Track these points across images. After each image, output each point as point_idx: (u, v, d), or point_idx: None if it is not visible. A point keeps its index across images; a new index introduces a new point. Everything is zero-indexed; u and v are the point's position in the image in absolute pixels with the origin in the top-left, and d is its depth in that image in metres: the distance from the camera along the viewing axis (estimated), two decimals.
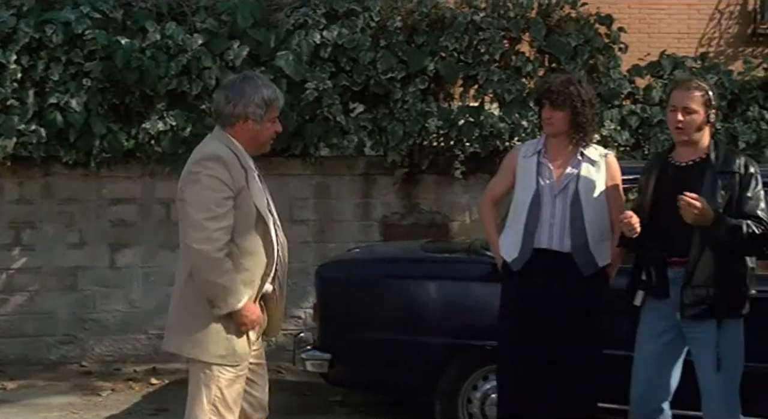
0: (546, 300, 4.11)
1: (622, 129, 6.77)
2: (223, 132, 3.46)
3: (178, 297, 3.47)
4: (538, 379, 4.18)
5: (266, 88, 3.45)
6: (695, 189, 3.77)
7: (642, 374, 3.98)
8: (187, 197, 3.35)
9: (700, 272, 3.77)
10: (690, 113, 3.84)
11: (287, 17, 6.75)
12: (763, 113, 6.85)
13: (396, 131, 6.67)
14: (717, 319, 3.78)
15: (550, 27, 6.93)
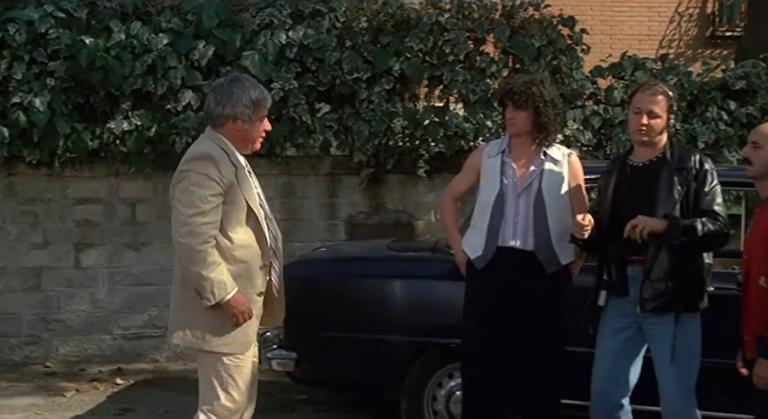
0: (510, 298, 4.16)
1: (584, 129, 6.85)
2: (214, 132, 3.60)
3: (177, 291, 3.61)
4: (502, 377, 4.23)
5: (254, 89, 3.59)
6: (653, 187, 3.88)
7: (603, 370, 4.06)
8: (176, 193, 3.51)
9: (659, 267, 3.87)
10: (654, 117, 3.93)
11: (253, 17, 6.75)
12: (721, 113, 6.96)
13: (362, 130, 6.70)
14: (675, 313, 3.87)
15: (513, 28, 6.99)
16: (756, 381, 3.57)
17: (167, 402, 5.82)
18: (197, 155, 3.52)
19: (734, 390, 4.15)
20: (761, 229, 3.63)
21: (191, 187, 3.46)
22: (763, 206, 3.71)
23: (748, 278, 3.66)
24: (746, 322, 3.68)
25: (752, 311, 3.63)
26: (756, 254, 3.62)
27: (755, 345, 3.59)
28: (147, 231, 6.89)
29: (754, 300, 3.62)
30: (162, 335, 6.81)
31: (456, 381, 4.78)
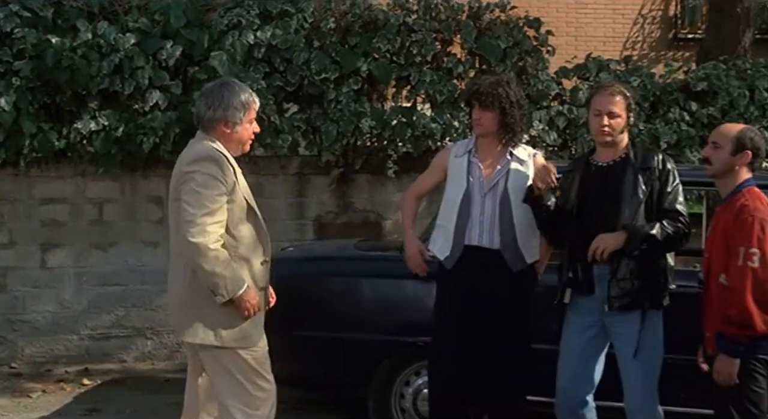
0: (476, 297, 4.20)
1: (550, 129, 6.92)
2: (206, 135, 3.71)
3: (185, 289, 3.66)
4: (469, 376, 4.27)
5: (243, 92, 3.70)
6: (618, 187, 3.95)
7: (568, 368, 4.12)
8: (183, 195, 3.57)
9: (625, 266, 3.94)
10: (614, 117, 4.01)
11: (221, 17, 6.74)
12: (683, 114, 7.06)
13: (330, 131, 6.72)
14: (641, 310, 3.95)
15: (480, 29, 7.03)
16: (716, 377, 3.65)
17: (135, 402, 5.81)
18: (201, 157, 3.60)
19: (695, 385, 4.26)
20: (721, 228, 3.72)
21: (198, 188, 3.54)
22: (723, 205, 3.80)
23: (709, 275, 3.75)
24: (707, 319, 3.77)
25: (713, 308, 3.71)
26: (716, 252, 3.71)
27: (715, 341, 3.68)
28: (114, 231, 6.86)
29: (715, 297, 3.70)
30: (129, 335, 6.81)
31: (423, 379, 4.82)
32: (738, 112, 7.06)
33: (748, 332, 3.57)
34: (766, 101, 7.12)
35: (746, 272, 3.54)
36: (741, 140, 3.75)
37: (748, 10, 7.96)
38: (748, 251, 3.55)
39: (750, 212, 3.61)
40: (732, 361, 3.60)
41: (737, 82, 7.14)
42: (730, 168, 3.76)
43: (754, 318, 3.54)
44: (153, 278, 6.78)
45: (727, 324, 3.60)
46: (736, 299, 3.56)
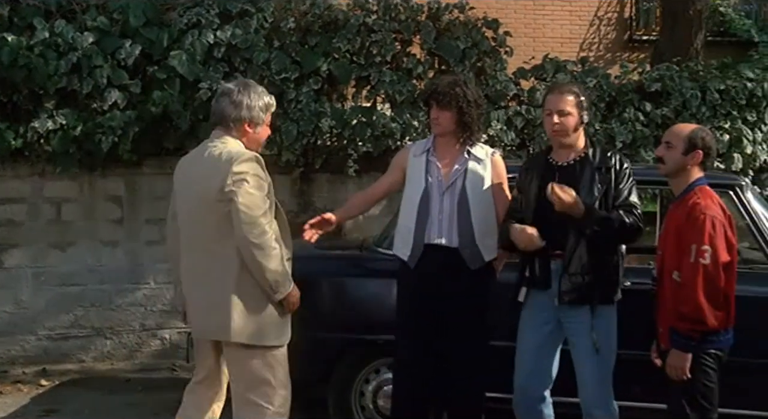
0: (436, 296, 4.23)
1: (508, 129, 6.97)
2: (228, 135, 3.79)
3: (229, 290, 3.70)
4: (429, 375, 4.30)
5: (266, 95, 3.84)
6: (575, 187, 4.00)
7: (525, 364, 4.17)
8: (238, 197, 3.61)
9: (576, 261, 4.01)
10: (565, 115, 4.08)
11: (180, 17, 6.70)
12: (638, 114, 7.15)
13: (290, 130, 6.71)
14: (591, 305, 4.01)
15: (439, 30, 7.06)
16: (668, 371, 3.73)
17: (93, 403, 5.77)
18: (246, 157, 3.68)
19: (650, 380, 4.35)
20: (673, 225, 3.80)
21: (252, 189, 3.63)
22: (675, 204, 3.88)
23: (663, 272, 3.83)
24: (660, 315, 3.85)
25: (666, 304, 3.79)
26: (669, 249, 3.79)
27: (669, 336, 3.76)
28: (73, 231, 6.79)
29: (668, 294, 3.78)
30: (88, 335, 6.76)
31: (383, 377, 4.86)
32: (690, 112, 7.18)
33: (700, 327, 3.64)
34: (717, 102, 7.23)
35: (698, 268, 3.61)
36: (693, 140, 3.83)
37: (700, 12, 8.10)
38: (699, 249, 3.62)
39: (702, 210, 3.69)
40: (684, 356, 3.67)
41: (690, 84, 7.26)
42: (682, 167, 3.84)
43: (705, 314, 3.62)
44: (112, 278, 6.75)
45: (679, 319, 3.67)
46: (688, 295, 3.63)
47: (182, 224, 3.88)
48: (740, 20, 10.62)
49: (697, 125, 4.04)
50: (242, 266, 3.70)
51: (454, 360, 4.27)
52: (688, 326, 3.66)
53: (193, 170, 3.84)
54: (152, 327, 6.82)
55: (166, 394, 5.86)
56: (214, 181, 3.68)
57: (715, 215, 3.69)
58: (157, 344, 6.83)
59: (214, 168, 3.70)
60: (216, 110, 3.84)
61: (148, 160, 6.78)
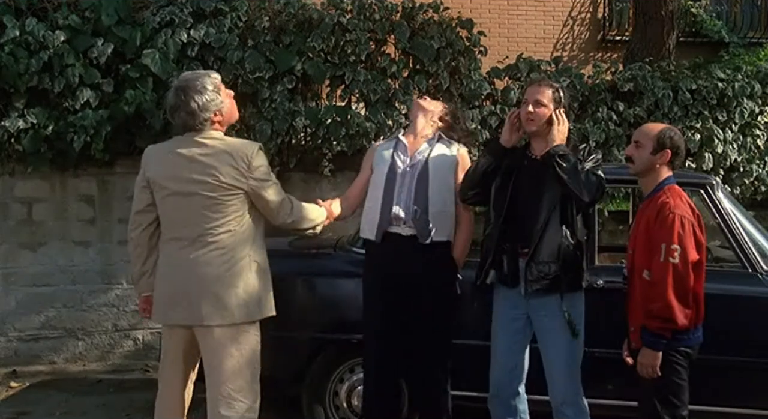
0: (399, 288, 4.27)
1: (482, 129, 7.00)
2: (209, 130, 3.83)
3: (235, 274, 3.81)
4: (397, 371, 4.35)
5: (201, 78, 3.84)
6: (546, 178, 4.04)
7: (500, 360, 4.21)
8: (266, 194, 3.86)
9: (543, 249, 4.03)
10: (539, 106, 4.12)
11: (153, 15, 6.66)
12: (610, 114, 7.21)
13: (264, 129, 6.70)
14: (560, 293, 4.04)
15: (414, 30, 7.06)
16: (639, 369, 3.76)
17: (65, 404, 5.73)
18: (257, 148, 3.86)
19: (621, 378, 4.38)
20: (643, 224, 3.83)
21: (272, 181, 3.92)
22: (645, 203, 3.92)
23: (633, 271, 3.86)
24: (631, 313, 3.88)
25: (637, 302, 3.83)
26: (639, 248, 3.82)
27: (640, 334, 3.79)
28: (44, 231, 6.74)
29: (638, 292, 3.81)
30: (60, 336, 6.70)
31: (357, 376, 4.87)
32: (662, 112, 7.24)
33: (670, 326, 3.67)
34: (688, 102, 7.29)
35: (668, 267, 3.65)
36: (661, 140, 3.87)
37: (672, 13, 8.17)
38: (669, 247, 3.65)
39: (671, 209, 3.72)
40: (655, 354, 3.70)
41: (662, 83, 7.31)
42: (651, 166, 3.88)
43: (675, 313, 3.65)
44: (84, 278, 6.70)
45: (649, 318, 3.70)
46: (658, 293, 3.66)
47: (168, 215, 3.88)
48: (711, 21, 10.72)
49: (666, 125, 4.08)
50: (235, 251, 3.81)
51: (417, 354, 4.30)
52: (658, 324, 3.68)
53: (185, 164, 3.81)
54: (125, 327, 6.77)
55: (138, 395, 5.86)
56: (223, 175, 3.77)
57: (683, 215, 3.73)
58: (129, 345, 6.79)
59: (221, 161, 3.77)
60: (180, 123, 3.86)
61: (121, 159, 6.73)
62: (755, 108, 7.45)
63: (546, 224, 4.03)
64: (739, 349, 4.53)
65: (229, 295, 3.80)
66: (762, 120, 7.49)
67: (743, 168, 7.41)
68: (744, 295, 4.50)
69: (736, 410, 4.65)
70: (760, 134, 7.47)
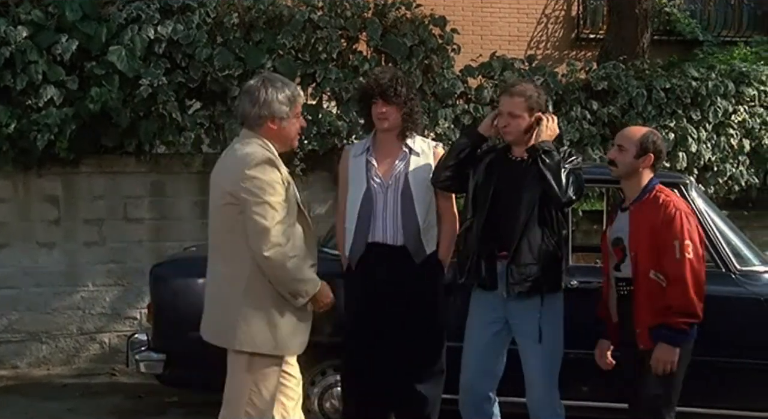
0: (384, 293, 4.18)
1: (455, 127, 6.95)
2: (253, 134, 3.65)
3: (241, 295, 3.57)
4: (381, 375, 4.25)
5: (287, 87, 3.69)
6: (526, 180, 4.01)
7: (472, 363, 4.15)
8: (249, 206, 3.49)
9: (523, 251, 4.00)
10: (515, 118, 4.08)
11: (119, 11, 6.54)
12: (585, 113, 7.19)
13: (234, 128, 6.55)
14: (540, 296, 4.01)
15: (386, 27, 7.01)
16: (655, 365, 3.72)
17: (29, 409, 5.61)
18: (260, 160, 3.54)
19: (595, 379, 4.34)
20: (647, 226, 3.78)
21: (265, 196, 3.50)
22: (638, 204, 3.87)
23: (637, 273, 3.80)
24: (638, 316, 3.80)
25: (643, 305, 3.78)
26: (642, 250, 3.78)
27: (648, 335, 3.75)
28: (7, 232, 6.60)
29: (644, 293, 3.78)
30: (23, 339, 6.58)
31: (329, 379, 4.82)
32: (636, 111, 7.23)
33: (692, 320, 3.71)
34: (662, 101, 7.30)
35: (684, 263, 3.69)
36: (644, 144, 3.88)
37: (646, 11, 8.18)
38: (683, 244, 3.70)
39: (676, 206, 3.78)
40: (674, 350, 3.71)
41: (636, 82, 7.31)
42: (634, 170, 3.89)
43: (696, 307, 3.70)
44: (49, 281, 6.58)
45: (671, 315, 3.69)
46: (679, 290, 3.68)
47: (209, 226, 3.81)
48: (685, 20, 10.75)
49: (648, 129, 4.08)
50: (252, 272, 3.57)
51: (407, 362, 4.22)
52: (680, 320, 3.70)
53: (216, 172, 3.76)
54: (91, 330, 6.66)
55: (104, 399, 5.79)
56: (226, 183, 3.60)
57: (686, 211, 3.80)
58: (96, 348, 6.67)
59: (227, 171, 3.63)
60: (237, 111, 3.78)
61: (86, 158, 6.62)
62: (729, 107, 7.48)
63: (525, 226, 4.00)
64: (714, 349, 4.50)
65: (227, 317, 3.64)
66: (735, 119, 7.51)
67: (717, 167, 7.42)
68: (718, 295, 4.47)
69: (709, 410, 4.64)
70: (733, 133, 7.49)
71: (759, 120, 7.57)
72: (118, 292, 6.66)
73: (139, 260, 6.60)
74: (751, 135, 7.56)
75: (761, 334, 4.70)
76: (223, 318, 3.66)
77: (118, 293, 6.66)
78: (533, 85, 4.23)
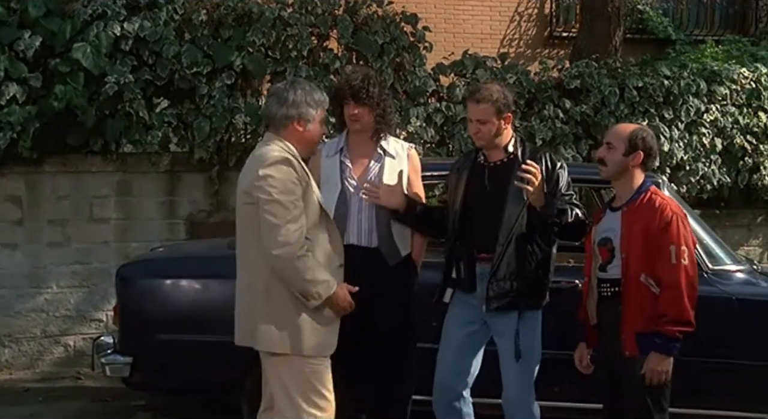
0: (359, 298, 4.10)
1: (427, 126, 6.89)
2: (276, 136, 3.67)
3: (260, 296, 3.61)
4: (353, 377, 4.21)
5: (315, 91, 3.73)
6: (504, 187, 3.96)
7: (447, 362, 4.12)
8: (262, 204, 3.52)
9: (504, 266, 3.95)
10: (483, 124, 4.04)
11: (84, 7, 6.43)
12: (557, 111, 7.16)
13: (202, 127, 6.52)
14: (518, 310, 3.96)
15: (357, 24, 6.96)
16: (649, 376, 3.62)
17: None
18: (276, 160, 3.56)
19: (569, 380, 4.29)
20: (640, 228, 3.69)
21: (277, 195, 3.51)
22: (631, 206, 3.77)
23: (627, 277, 3.71)
24: (626, 321, 3.71)
25: (631, 309, 3.69)
26: (634, 253, 3.69)
27: (635, 341, 3.66)
28: None
29: (634, 297, 3.68)
30: None
31: None
32: (609, 109, 7.21)
33: (686, 328, 3.61)
34: (635, 99, 7.28)
35: (680, 269, 3.60)
36: (633, 141, 3.78)
37: (618, 9, 8.16)
38: (679, 249, 3.61)
39: (672, 210, 3.68)
40: (668, 360, 3.63)
41: (608, 81, 7.29)
42: (623, 169, 3.79)
43: (689, 315, 3.60)
44: (12, 283, 6.46)
45: (664, 322, 3.59)
46: (673, 296, 3.59)
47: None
48: (658, 18, 10.77)
49: (638, 125, 4.00)
50: (272, 272, 3.59)
51: (380, 364, 4.19)
52: (674, 328, 3.60)
53: (240, 177, 3.76)
54: (55, 333, 6.53)
55: (69, 404, 5.69)
56: (243, 183, 3.64)
57: (681, 215, 3.70)
58: (60, 351, 6.55)
59: (245, 171, 3.67)
60: (264, 111, 3.79)
61: (50, 157, 6.50)
62: (701, 106, 7.48)
63: (509, 239, 3.94)
64: (686, 349, 4.45)
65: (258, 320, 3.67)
66: (707, 118, 7.51)
67: (689, 166, 7.42)
68: None
69: (682, 410, 4.59)
70: (705, 132, 7.49)
71: (731, 119, 7.58)
72: (83, 294, 6.55)
73: (104, 261, 6.50)
74: (723, 134, 7.56)
75: (733, 333, 4.69)
76: (244, 318, 3.74)
77: (83, 295, 6.55)
78: (497, 86, 4.15)
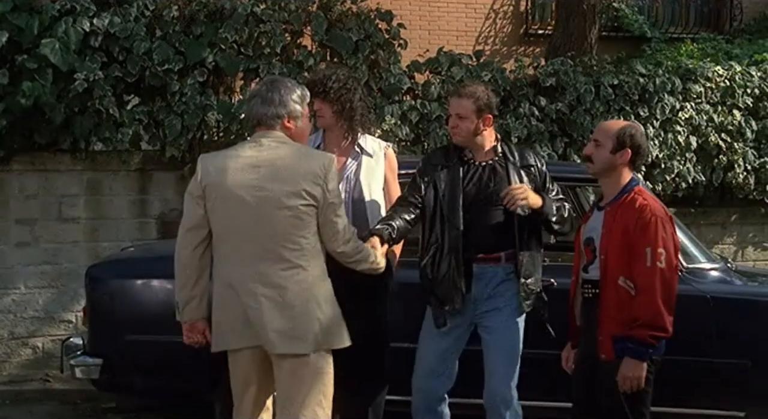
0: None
1: (402, 124, 6.86)
2: (277, 132, 3.65)
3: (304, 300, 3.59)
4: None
5: (297, 87, 3.73)
6: (504, 185, 3.98)
7: (427, 365, 4.10)
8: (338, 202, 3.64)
9: (526, 267, 4.01)
10: (462, 119, 4.05)
11: (52, 2, 6.33)
12: (533, 109, 7.14)
13: (174, 124, 6.46)
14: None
15: (331, 21, 6.92)
16: (622, 382, 3.55)
17: None
18: (331, 160, 3.63)
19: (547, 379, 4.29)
20: (619, 229, 3.63)
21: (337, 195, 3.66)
22: (614, 205, 3.71)
23: (606, 278, 3.66)
24: (603, 323, 3.65)
25: (608, 311, 3.63)
26: (612, 254, 3.63)
27: (612, 345, 3.59)
28: None
29: (611, 300, 3.62)
30: None
31: None
32: (585, 107, 7.21)
33: (660, 334, 3.53)
34: (610, 97, 7.30)
35: (655, 272, 3.52)
36: (621, 138, 3.71)
37: (593, 7, 8.18)
38: (655, 252, 3.53)
39: (652, 212, 3.60)
40: (642, 365, 3.55)
41: (584, 78, 7.29)
42: (611, 166, 3.72)
43: (664, 320, 3.52)
44: None
45: (638, 327, 3.53)
46: (647, 301, 3.52)
47: (235, 231, 3.60)
48: (633, 16, 10.80)
49: (627, 122, 3.95)
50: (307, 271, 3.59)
51: (353, 366, 4.05)
52: (647, 333, 3.52)
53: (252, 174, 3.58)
54: (23, 335, 6.43)
55: (37, 406, 5.64)
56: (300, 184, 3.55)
57: (663, 218, 3.62)
58: (28, 353, 6.44)
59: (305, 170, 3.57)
60: (250, 114, 3.73)
61: (18, 156, 6.40)
62: (676, 104, 7.51)
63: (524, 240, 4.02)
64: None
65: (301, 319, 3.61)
66: (682, 116, 7.53)
67: (664, 164, 7.44)
68: None
69: (656, 409, 4.56)
70: (681, 130, 7.52)
71: (705, 117, 7.61)
72: (51, 295, 6.45)
73: (74, 261, 6.41)
74: (698, 132, 7.59)
75: (707, 332, 4.69)
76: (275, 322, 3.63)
77: (51, 295, 6.45)
78: (483, 87, 4.17)
